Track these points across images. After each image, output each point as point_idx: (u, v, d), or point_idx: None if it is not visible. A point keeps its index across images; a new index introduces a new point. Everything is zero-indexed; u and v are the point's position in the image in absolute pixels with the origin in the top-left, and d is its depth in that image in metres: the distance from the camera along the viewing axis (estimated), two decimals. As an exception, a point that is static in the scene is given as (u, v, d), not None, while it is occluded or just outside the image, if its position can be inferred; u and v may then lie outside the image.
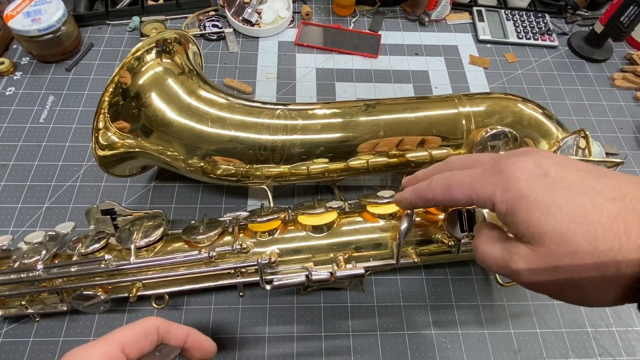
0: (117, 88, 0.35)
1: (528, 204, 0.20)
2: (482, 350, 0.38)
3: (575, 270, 0.19)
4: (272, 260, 0.34)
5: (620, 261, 0.18)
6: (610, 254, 0.19)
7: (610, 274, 0.19)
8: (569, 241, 0.19)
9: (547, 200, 0.20)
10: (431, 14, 0.62)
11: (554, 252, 0.20)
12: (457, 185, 0.24)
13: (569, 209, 0.20)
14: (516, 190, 0.21)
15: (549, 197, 0.20)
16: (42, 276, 0.33)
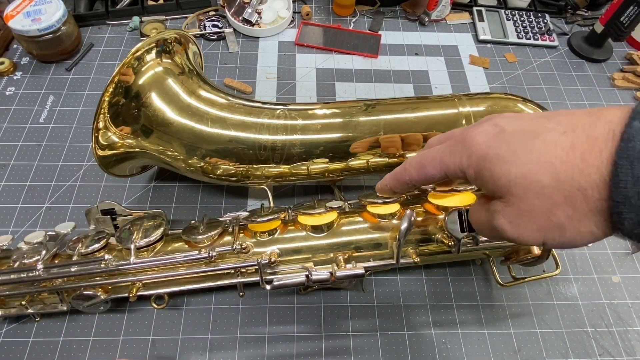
0: (117, 88, 0.35)
1: (490, 161, 0.21)
2: (482, 350, 0.38)
3: (547, 209, 0.20)
4: (272, 260, 0.34)
5: (584, 187, 0.19)
6: (574, 183, 0.19)
7: (580, 202, 0.19)
8: (532, 182, 0.20)
9: (504, 151, 0.21)
10: (431, 14, 0.62)
11: (523, 197, 0.20)
12: (429, 162, 0.25)
13: (525, 152, 0.20)
14: (477, 152, 0.22)
15: (506, 148, 0.21)
16: (42, 276, 0.33)
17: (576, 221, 0.20)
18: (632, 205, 0.18)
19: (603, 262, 0.44)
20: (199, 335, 0.38)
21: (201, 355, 0.37)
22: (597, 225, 0.19)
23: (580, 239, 0.20)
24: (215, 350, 0.37)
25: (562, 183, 0.19)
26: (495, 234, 0.23)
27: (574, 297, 0.42)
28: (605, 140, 0.18)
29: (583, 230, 0.20)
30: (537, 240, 0.21)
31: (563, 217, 0.20)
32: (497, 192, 0.22)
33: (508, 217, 0.22)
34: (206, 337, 0.38)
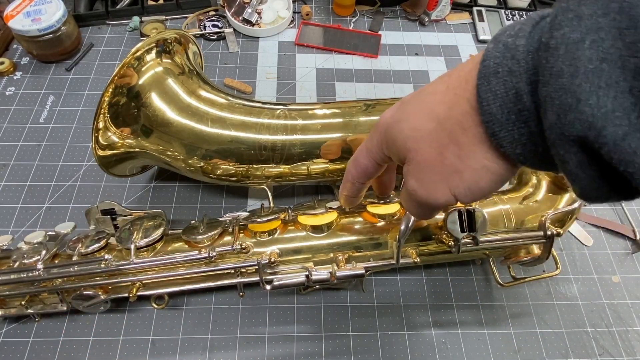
0: (117, 88, 0.35)
1: (391, 128, 0.23)
2: (482, 350, 0.38)
3: (439, 154, 0.21)
4: (272, 260, 0.34)
5: (460, 119, 0.19)
6: (452, 120, 0.20)
7: (461, 135, 0.20)
8: (421, 131, 0.21)
9: (400, 116, 0.22)
10: (431, 14, 0.62)
11: (418, 149, 0.21)
12: (359, 155, 0.26)
13: (412, 108, 0.22)
14: (384, 125, 0.23)
15: (401, 113, 0.22)
16: (42, 276, 0.33)
17: (465, 158, 0.20)
18: (500, 121, 0.18)
19: (603, 262, 0.44)
20: (199, 335, 0.38)
21: (201, 355, 0.37)
22: (485, 157, 0.19)
23: (480, 178, 0.20)
24: (215, 350, 0.37)
25: (443, 123, 0.20)
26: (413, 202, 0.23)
27: (574, 297, 0.42)
28: (470, 72, 0.19)
29: (476, 166, 0.20)
30: (445, 193, 0.21)
31: (453, 158, 0.20)
32: (401, 155, 0.22)
33: (413, 175, 0.22)
34: (206, 337, 0.38)
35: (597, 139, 0.14)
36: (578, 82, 0.14)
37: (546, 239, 0.35)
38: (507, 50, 0.18)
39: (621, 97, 0.14)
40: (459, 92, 0.20)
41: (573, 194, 0.37)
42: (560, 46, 0.15)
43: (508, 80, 0.17)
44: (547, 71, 0.16)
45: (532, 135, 0.18)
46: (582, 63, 0.14)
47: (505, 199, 0.37)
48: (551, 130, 0.16)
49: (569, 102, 0.15)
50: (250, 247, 0.35)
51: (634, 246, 0.45)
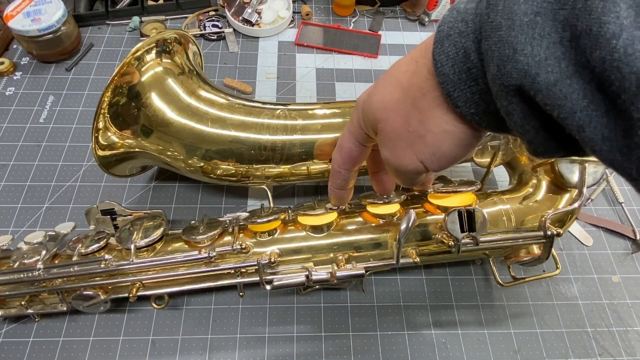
0: (117, 88, 0.35)
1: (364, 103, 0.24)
2: (482, 350, 0.38)
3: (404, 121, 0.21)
4: (272, 261, 0.34)
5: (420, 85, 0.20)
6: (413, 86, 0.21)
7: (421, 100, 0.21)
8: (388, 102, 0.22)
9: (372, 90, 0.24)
10: (431, 14, 0.62)
11: (387, 119, 0.22)
12: (342, 139, 0.27)
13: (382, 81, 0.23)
14: (360, 103, 0.24)
15: (370, 90, 0.24)
16: (42, 276, 0.33)
17: (426, 122, 0.21)
18: (453, 81, 0.19)
19: (603, 262, 0.44)
20: (199, 335, 0.38)
21: (201, 355, 0.37)
22: (444, 120, 0.20)
23: (442, 142, 0.21)
24: (215, 350, 0.37)
25: (406, 91, 0.21)
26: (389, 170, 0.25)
27: (574, 297, 0.42)
28: (430, 41, 0.20)
29: (436, 130, 0.21)
30: (412, 159, 0.22)
31: (416, 124, 0.21)
32: (374, 127, 0.23)
33: (384, 144, 0.23)
34: (206, 337, 0.38)
35: (532, 86, 0.15)
36: (514, 34, 0.16)
37: (546, 239, 0.35)
38: (459, 14, 0.19)
39: (553, 46, 0.15)
40: (419, 60, 0.21)
41: (573, 194, 0.37)
42: (500, 2, 0.16)
43: (458, 41, 0.19)
44: (488, 26, 0.17)
45: (482, 93, 0.19)
46: (518, 17, 0.15)
47: (505, 199, 0.37)
48: (493, 82, 0.17)
49: (507, 53, 0.16)
50: (250, 247, 0.35)
51: (634, 246, 0.45)
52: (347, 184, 0.29)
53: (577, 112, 0.15)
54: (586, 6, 0.14)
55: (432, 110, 0.20)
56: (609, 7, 0.13)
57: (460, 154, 0.22)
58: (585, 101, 0.15)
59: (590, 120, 0.15)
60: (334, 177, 0.29)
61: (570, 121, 0.15)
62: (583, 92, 0.15)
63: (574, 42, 0.14)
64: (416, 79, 0.21)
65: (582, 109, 0.15)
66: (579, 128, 0.15)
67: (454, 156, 0.21)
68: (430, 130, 0.21)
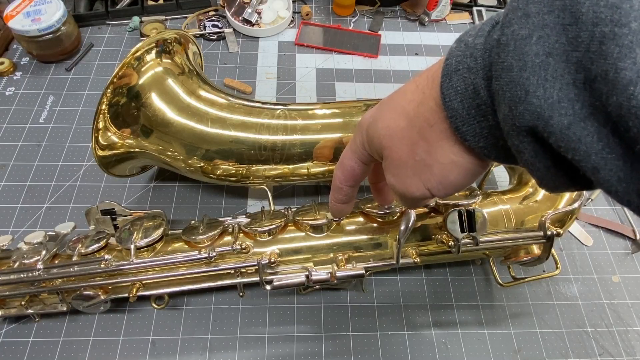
0: (117, 88, 0.35)
1: (369, 127, 0.23)
2: (482, 350, 0.38)
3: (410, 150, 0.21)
4: (272, 261, 0.34)
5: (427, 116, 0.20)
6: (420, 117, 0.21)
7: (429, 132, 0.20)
8: (394, 129, 0.22)
9: (377, 115, 0.23)
10: (431, 14, 0.62)
11: (392, 146, 0.22)
12: (344, 157, 0.27)
13: (387, 107, 0.23)
14: (364, 125, 0.24)
15: (379, 111, 0.23)
16: (42, 276, 0.33)
17: (433, 153, 0.21)
18: (461, 116, 0.19)
19: (603, 262, 0.44)
20: (199, 335, 0.38)
21: (201, 355, 0.37)
22: (452, 151, 0.20)
23: (449, 172, 0.21)
24: (215, 350, 0.37)
25: (412, 121, 0.21)
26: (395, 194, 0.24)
27: (574, 297, 0.42)
28: (436, 71, 0.20)
29: (443, 160, 0.21)
30: (419, 187, 0.22)
31: (423, 153, 0.21)
32: (379, 152, 0.23)
33: (390, 171, 0.23)
34: (206, 337, 0.38)
35: (545, 128, 0.15)
36: (526, 75, 0.15)
37: (546, 239, 0.35)
38: (467, 48, 0.18)
39: (566, 88, 0.15)
40: (426, 90, 0.20)
41: (573, 194, 0.37)
42: (510, 42, 0.16)
43: (467, 76, 0.18)
44: (499, 66, 0.16)
45: (491, 128, 0.18)
46: (529, 58, 0.15)
47: (505, 199, 0.37)
48: (504, 122, 0.17)
49: (519, 94, 0.16)
50: (250, 247, 0.35)
51: (634, 246, 0.45)
52: (349, 199, 0.29)
53: (592, 154, 0.14)
54: (601, 50, 0.13)
55: (440, 142, 0.20)
56: (624, 53, 0.13)
57: (468, 182, 0.21)
58: (601, 144, 0.14)
59: (605, 163, 0.14)
60: (335, 193, 0.29)
61: (585, 163, 0.15)
62: (598, 135, 0.14)
63: (587, 85, 0.14)
64: (423, 110, 0.20)
65: (597, 152, 0.14)
66: (594, 170, 0.15)
67: (461, 184, 0.21)
68: (438, 160, 0.21)
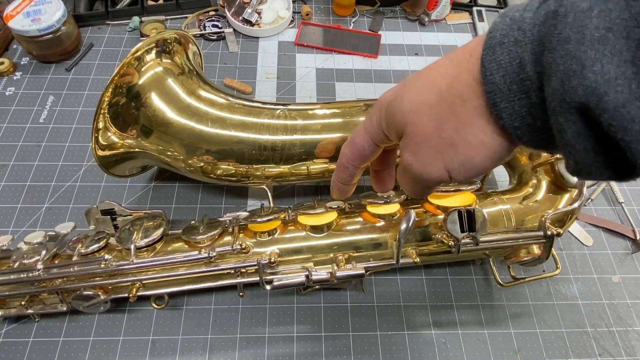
0: (117, 88, 0.35)
1: (391, 104, 0.23)
2: (482, 350, 0.38)
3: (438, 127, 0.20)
4: (272, 261, 0.34)
5: (461, 91, 0.20)
6: (452, 91, 0.20)
7: (461, 107, 0.20)
8: (421, 104, 0.21)
9: (402, 90, 0.22)
10: (431, 14, 0.62)
11: (417, 123, 0.21)
12: (356, 135, 0.26)
13: (414, 83, 0.22)
14: (384, 103, 0.23)
15: (404, 88, 0.23)
16: (42, 276, 0.33)
17: (462, 130, 0.20)
18: (502, 91, 0.18)
19: (603, 262, 0.44)
20: (199, 335, 0.38)
21: (201, 355, 0.37)
22: (483, 130, 0.20)
23: (475, 153, 0.20)
24: (215, 350, 0.37)
25: (443, 96, 0.20)
26: (408, 177, 0.24)
27: (574, 297, 0.42)
28: (475, 46, 0.19)
29: (472, 140, 0.20)
30: (439, 168, 0.21)
31: (451, 130, 0.20)
32: (399, 130, 0.22)
33: (410, 148, 0.22)
34: (206, 337, 0.38)
35: (598, 105, 0.15)
36: (584, 49, 0.15)
37: (546, 239, 0.35)
38: (514, 22, 0.18)
39: (623, 65, 0.14)
40: (462, 64, 0.20)
41: (573, 194, 0.37)
42: (569, 14, 0.15)
43: (513, 50, 0.18)
44: (555, 37, 0.16)
45: (532, 106, 0.18)
46: (589, 31, 0.15)
47: (505, 199, 0.37)
48: (553, 97, 0.16)
49: (574, 68, 0.15)
50: (250, 247, 0.35)
51: (634, 246, 0.45)
52: (352, 179, 0.29)
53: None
54: None
55: (472, 119, 0.20)
56: None
57: (491, 166, 0.21)
58: None
59: None
60: (340, 171, 0.28)
61: (635, 144, 0.14)
62: None
63: None
64: (456, 84, 0.20)
65: None
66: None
67: (484, 168, 0.21)
68: (466, 139, 0.20)
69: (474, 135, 0.20)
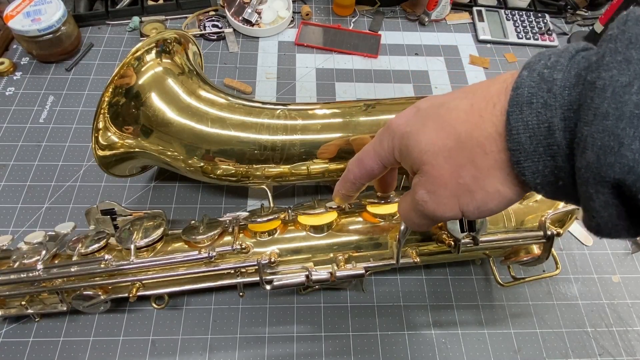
0: (117, 88, 0.35)
1: (407, 137, 0.22)
2: (482, 350, 0.38)
3: (455, 172, 0.20)
4: (272, 260, 0.34)
5: (482, 142, 0.19)
6: (473, 141, 0.20)
7: (481, 158, 0.19)
8: (440, 147, 0.21)
9: (418, 126, 0.22)
10: (431, 14, 0.62)
11: (434, 164, 0.21)
12: (365, 156, 0.26)
13: (432, 121, 0.21)
14: (398, 132, 0.23)
15: (420, 123, 0.22)
16: (42, 276, 0.33)
17: (481, 180, 0.20)
18: (526, 152, 0.18)
19: (603, 262, 0.44)
20: (199, 335, 0.38)
21: (201, 355, 0.37)
22: (501, 182, 0.20)
23: (491, 200, 0.20)
24: (215, 350, 0.37)
25: (463, 143, 0.20)
26: (418, 212, 0.23)
27: (574, 297, 0.42)
28: (498, 95, 0.19)
29: (489, 189, 0.20)
30: (454, 208, 0.21)
31: (469, 178, 0.20)
32: (415, 166, 0.22)
33: (425, 186, 0.22)
34: (206, 337, 0.38)
35: (635, 184, 0.15)
36: (622, 126, 0.15)
37: (546, 239, 0.35)
38: (543, 81, 0.17)
39: None
40: (484, 114, 0.19)
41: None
42: (608, 88, 0.15)
43: (542, 113, 0.17)
44: (592, 111, 0.16)
45: (556, 169, 0.18)
46: (628, 107, 0.15)
47: (505, 199, 0.37)
48: (587, 169, 0.16)
49: (611, 145, 0.15)
50: (250, 247, 0.35)
51: (634, 246, 0.45)
52: (357, 193, 0.29)
53: None
54: None
55: (492, 171, 0.19)
56: None
57: (503, 209, 0.21)
58: None
59: None
60: (346, 185, 0.28)
61: None
62: None
63: None
64: (478, 134, 0.19)
65: None
66: None
67: (497, 211, 0.21)
68: (484, 188, 0.20)
69: (492, 185, 0.20)
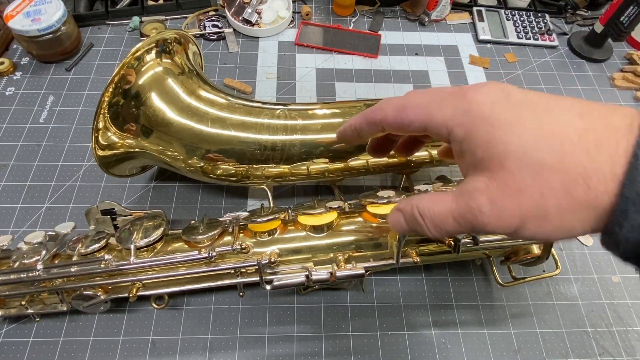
0: (117, 88, 0.35)
1: (490, 124, 0.19)
2: (482, 350, 0.38)
3: (539, 193, 0.18)
4: (272, 260, 0.34)
5: (590, 175, 0.17)
6: (579, 169, 0.17)
7: (580, 192, 0.17)
8: (532, 159, 0.18)
9: (510, 118, 0.19)
10: (431, 14, 0.62)
11: (516, 174, 0.18)
12: (413, 106, 0.22)
13: (533, 125, 0.18)
14: (478, 111, 0.20)
15: (513, 115, 0.19)
16: (42, 276, 0.33)
17: (565, 212, 0.17)
18: (637, 204, 0.16)
19: (603, 262, 0.44)
20: (199, 335, 0.38)
21: (201, 355, 0.37)
22: (584, 221, 0.17)
23: (558, 233, 0.18)
24: (215, 350, 0.37)
25: (566, 167, 0.17)
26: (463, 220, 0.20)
27: (574, 297, 0.42)
28: (624, 131, 0.17)
29: (567, 223, 0.18)
30: (510, 227, 0.19)
31: (552, 205, 0.18)
32: (485, 163, 0.19)
33: (490, 194, 0.19)
34: (206, 337, 0.38)
35: None
36: None
37: (546, 239, 0.35)
38: None
39: None
40: (604, 146, 0.17)
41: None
42: None
43: None
44: None
45: None
46: None
47: (505, 199, 0.37)
48: None
49: None
50: (250, 247, 0.35)
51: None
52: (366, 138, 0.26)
53: None
54: None
55: (584, 209, 0.17)
56: None
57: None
58: None
59: None
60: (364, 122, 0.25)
61: None
62: None
63: None
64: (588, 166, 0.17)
65: None
66: None
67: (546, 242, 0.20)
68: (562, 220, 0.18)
69: (572, 220, 0.18)
